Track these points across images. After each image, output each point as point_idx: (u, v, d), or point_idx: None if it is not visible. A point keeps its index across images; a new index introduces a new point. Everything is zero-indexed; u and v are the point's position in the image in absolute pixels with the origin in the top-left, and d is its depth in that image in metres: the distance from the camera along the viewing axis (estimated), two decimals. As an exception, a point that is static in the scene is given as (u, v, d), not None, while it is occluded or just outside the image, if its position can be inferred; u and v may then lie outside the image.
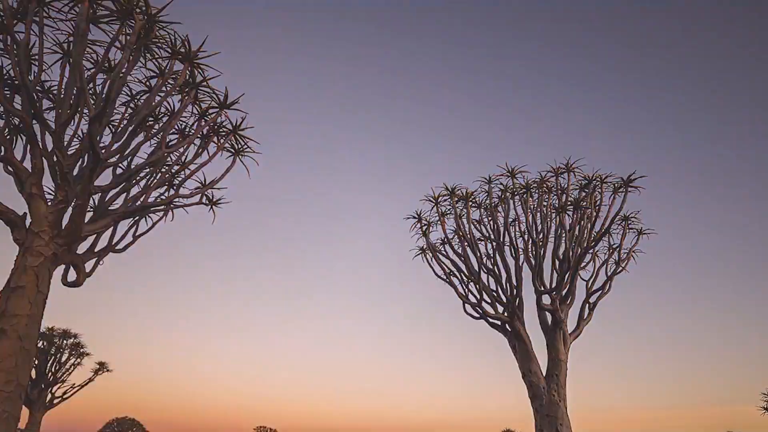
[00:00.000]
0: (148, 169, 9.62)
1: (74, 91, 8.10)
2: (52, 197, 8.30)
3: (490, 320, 14.43)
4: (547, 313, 13.85)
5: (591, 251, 14.59)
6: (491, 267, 14.73)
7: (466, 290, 14.91)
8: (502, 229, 14.83)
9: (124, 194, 9.29)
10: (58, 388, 22.33)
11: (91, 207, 8.88)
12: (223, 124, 9.93)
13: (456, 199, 15.13)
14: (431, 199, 15.39)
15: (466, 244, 14.95)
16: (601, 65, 76.09)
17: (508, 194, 15.05)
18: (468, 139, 77.42)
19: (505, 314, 14.28)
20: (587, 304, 14.32)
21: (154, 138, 9.51)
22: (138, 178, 9.58)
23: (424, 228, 15.83)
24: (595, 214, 14.32)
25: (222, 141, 10.05)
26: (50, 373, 21.73)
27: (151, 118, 9.52)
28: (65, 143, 8.22)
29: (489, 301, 14.55)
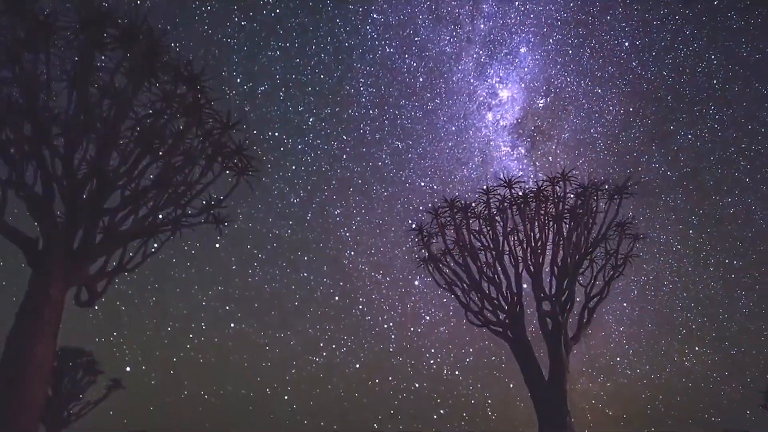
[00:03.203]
0: (155, 191, 9.62)
1: (82, 117, 8.12)
2: (62, 220, 8.31)
3: (492, 327, 14.37)
4: (547, 318, 13.78)
5: (588, 257, 14.52)
6: (492, 276, 14.67)
7: (468, 299, 14.85)
8: (501, 238, 14.79)
9: (133, 215, 9.29)
10: (74, 405, 22.27)
11: (100, 229, 8.88)
12: (227, 144, 9.94)
13: (455, 210, 15.11)
14: (431, 211, 15.38)
15: (466, 254, 14.91)
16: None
17: (506, 204, 15.02)
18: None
19: (507, 321, 14.21)
20: (586, 309, 14.26)
21: (160, 160, 9.52)
22: (145, 199, 9.58)
23: (426, 239, 15.79)
24: (591, 221, 14.31)
25: (226, 161, 10.06)
26: (66, 392, 21.66)
27: (156, 141, 9.55)
28: (74, 167, 8.25)
29: (490, 308, 14.48)
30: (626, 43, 40.65)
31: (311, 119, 42.15)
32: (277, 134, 41.21)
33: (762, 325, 36.62)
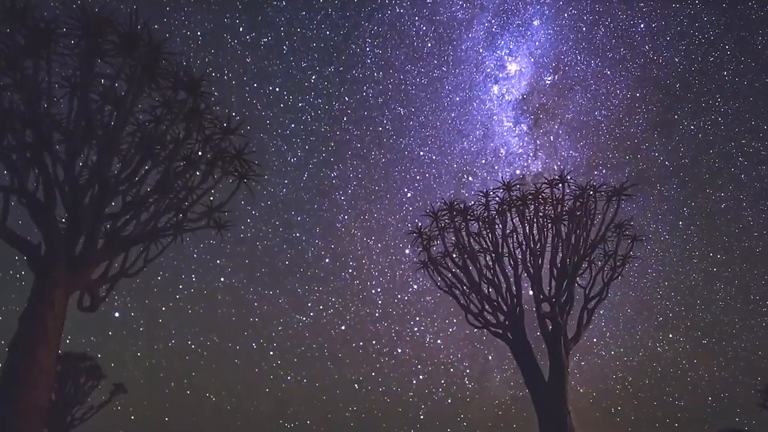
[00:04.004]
0: (156, 196, 9.62)
1: (83, 123, 8.13)
2: (64, 226, 8.32)
3: (492, 329, 14.37)
4: (546, 320, 13.78)
5: (587, 259, 14.53)
6: (491, 278, 14.67)
7: (468, 301, 14.85)
8: (500, 240, 14.80)
9: (134, 220, 9.29)
10: (77, 410, 22.30)
11: (102, 234, 8.88)
12: (227, 149, 9.96)
13: (454, 213, 15.13)
14: (431, 214, 15.40)
15: (466, 256, 14.92)
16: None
17: (505, 207, 15.04)
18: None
19: (507, 323, 14.21)
20: (585, 310, 14.27)
21: (161, 165, 9.53)
22: (147, 204, 9.59)
23: (425, 242, 15.80)
24: (589, 223, 14.33)
25: (227, 166, 10.07)
26: (69, 396, 21.68)
27: (157, 146, 9.55)
28: (76, 173, 8.25)
29: (490, 310, 14.47)
30: (642, 25, 39.92)
31: (314, 77, 40.69)
32: (277, 89, 39.88)
33: (735, 318, 37.52)
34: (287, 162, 40.95)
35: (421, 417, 37.50)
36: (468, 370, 38.42)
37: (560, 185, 14.70)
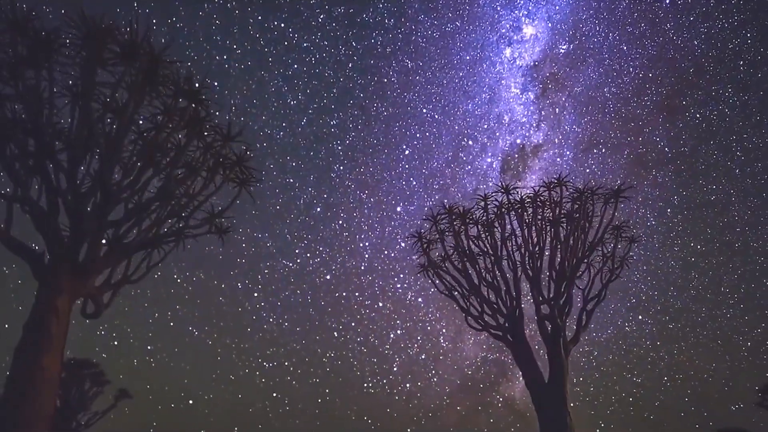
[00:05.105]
0: (158, 203, 9.62)
1: (84, 132, 8.14)
2: (67, 233, 8.32)
3: (492, 331, 14.36)
4: (546, 322, 13.78)
5: (585, 261, 14.53)
6: (491, 280, 14.66)
7: (468, 304, 14.85)
8: (499, 243, 14.80)
9: (137, 227, 9.30)
10: (82, 416, 22.28)
11: (105, 241, 8.88)
12: (228, 155, 9.96)
13: (454, 217, 15.14)
14: (430, 218, 15.41)
15: (465, 259, 14.92)
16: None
17: (503, 210, 15.04)
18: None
19: (506, 325, 14.20)
20: (584, 312, 14.26)
21: (163, 172, 9.54)
22: (149, 211, 9.59)
23: (425, 246, 15.80)
24: (587, 225, 14.33)
25: (228, 172, 10.07)
26: (74, 402, 21.67)
27: (158, 154, 9.56)
28: (78, 181, 8.26)
29: (490, 313, 14.47)
30: (667, 0, 39.24)
31: (321, 16, 39.14)
32: (282, 25, 38.51)
33: (702, 307, 38.16)
34: (287, 104, 40.01)
35: (395, 369, 38.45)
36: (444, 330, 39.24)
37: (558, 188, 14.71)
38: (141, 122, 9.38)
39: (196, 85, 9.01)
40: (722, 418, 34.35)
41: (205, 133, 9.59)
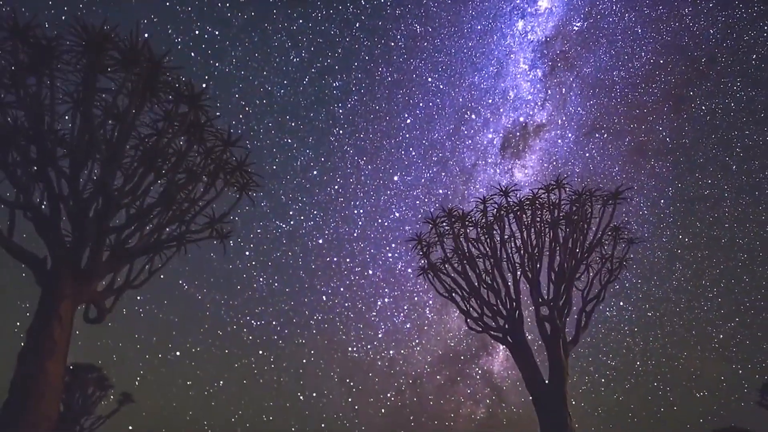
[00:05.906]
0: (159, 208, 9.63)
1: (86, 138, 8.15)
2: (70, 239, 8.32)
3: (492, 333, 14.35)
4: (545, 323, 13.77)
5: (584, 262, 14.52)
6: (490, 282, 14.65)
7: (468, 306, 14.84)
8: (498, 245, 14.80)
9: (138, 233, 9.29)
10: (86, 420, 22.27)
11: (107, 246, 8.88)
12: (228, 160, 9.97)
13: (453, 219, 15.13)
14: (430, 221, 15.40)
15: (465, 262, 14.92)
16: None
17: (502, 212, 15.05)
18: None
19: (506, 327, 14.19)
20: (584, 313, 14.25)
21: (164, 178, 9.54)
22: (150, 216, 9.59)
23: (425, 249, 15.79)
24: (586, 226, 14.33)
25: (228, 177, 10.08)
26: (77, 407, 21.65)
27: (159, 160, 9.57)
28: (80, 187, 8.27)
29: (490, 314, 14.46)
30: None
31: None
32: None
33: (682, 297, 38.64)
34: (289, 61, 38.99)
35: (380, 335, 38.81)
36: (431, 302, 39.30)
37: (556, 190, 14.72)
38: (142, 128, 9.40)
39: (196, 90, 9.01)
40: (689, 405, 35.32)
41: (206, 139, 9.60)
